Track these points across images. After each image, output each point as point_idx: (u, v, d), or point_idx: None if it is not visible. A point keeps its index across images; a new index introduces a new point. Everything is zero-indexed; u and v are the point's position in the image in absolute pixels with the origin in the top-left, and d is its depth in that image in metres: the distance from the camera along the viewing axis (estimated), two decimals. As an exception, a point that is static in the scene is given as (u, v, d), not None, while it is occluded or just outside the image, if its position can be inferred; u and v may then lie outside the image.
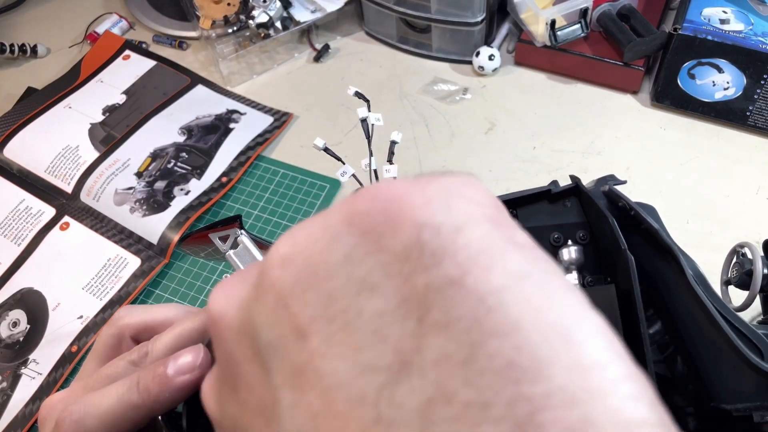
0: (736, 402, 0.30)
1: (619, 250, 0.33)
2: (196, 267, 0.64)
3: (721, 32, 0.66)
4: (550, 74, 0.78)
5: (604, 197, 0.38)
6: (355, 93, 0.39)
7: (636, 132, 0.71)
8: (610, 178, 0.41)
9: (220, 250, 0.34)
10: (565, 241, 0.38)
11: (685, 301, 0.33)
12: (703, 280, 0.34)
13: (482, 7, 0.75)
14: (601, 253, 0.38)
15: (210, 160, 0.72)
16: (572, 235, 0.39)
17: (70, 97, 0.79)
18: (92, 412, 0.24)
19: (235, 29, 0.80)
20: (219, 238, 0.35)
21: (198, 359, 0.24)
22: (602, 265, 0.38)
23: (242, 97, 0.79)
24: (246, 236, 0.34)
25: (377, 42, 0.85)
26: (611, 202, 0.38)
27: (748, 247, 0.47)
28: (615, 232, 0.34)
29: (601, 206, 0.36)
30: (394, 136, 0.38)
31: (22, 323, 0.61)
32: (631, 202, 0.36)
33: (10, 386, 0.57)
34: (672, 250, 0.33)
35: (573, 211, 0.39)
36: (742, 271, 0.46)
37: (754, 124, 0.69)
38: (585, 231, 0.39)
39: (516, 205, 0.39)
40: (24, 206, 0.69)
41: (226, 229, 0.35)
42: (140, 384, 0.24)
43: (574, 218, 0.39)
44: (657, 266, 0.35)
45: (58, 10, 0.95)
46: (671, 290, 0.34)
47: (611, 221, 0.34)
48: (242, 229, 0.35)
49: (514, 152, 0.71)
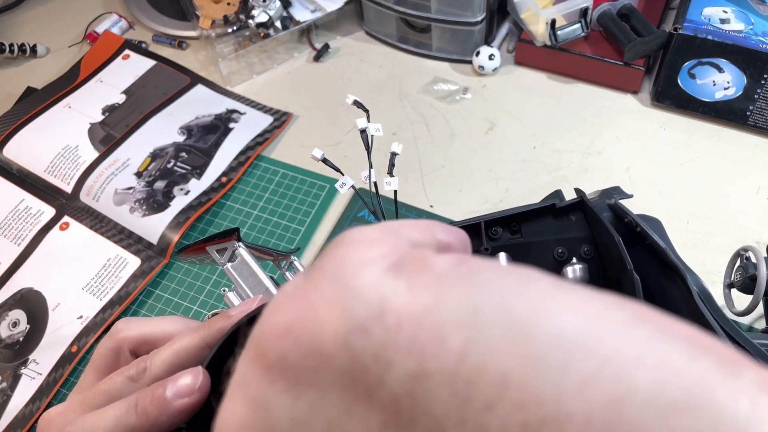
0: None
1: (624, 270, 0.33)
2: (195, 267, 0.64)
3: (721, 32, 0.66)
4: (550, 74, 0.78)
5: (609, 210, 0.38)
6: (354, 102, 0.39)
7: (636, 132, 0.71)
8: (615, 190, 0.40)
9: (218, 263, 0.34)
10: (569, 256, 0.37)
11: (689, 319, 0.33)
12: (708, 296, 0.34)
13: (482, 6, 0.75)
14: (606, 267, 0.38)
15: (210, 159, 0.72)
16: (576, 249, 0.38)
17: (70, 97, 0.79)
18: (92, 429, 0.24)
19: (235, 29, 0.80)
20: (216, 251, 0.34)
21: (198, 382, 0.24)
22: (606, 278, 0.37)
23: (242, 96, 0.79)
24: (244, 249, 0.34)
25: (377, 42, 0.85)
26: (616, 216, 0.37)
27: (752, 251, 0.46)
28: (621, 251, 0.33)
29: (607, 223, 0.35)
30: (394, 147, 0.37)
31: (22, 323, 0.61)
32: (637, 218, 0.36)
33: (10, 386, 0.57)
34: (679, 269, 0.33)
35: (577, 225, 0.38)
36: (745, 276, 0.46)
37: (754, 123, 0.69)
38: (589, 246, 0.38)
39: (520, 220, 0.39)
40: (24, 206, 0.69)
41: (224, 242, 0.34)
42: (138, 406, 0.24)
43: (579, 233, 0.38)
44: (662, 282, 0.34)
45: (57, 9, 0.95)
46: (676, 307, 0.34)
47: (617, 240, 0.34)
48: (240, 242, 0.34)
49: (514, 152, 0.71)
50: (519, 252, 0.38)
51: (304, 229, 0.66)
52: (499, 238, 0.38)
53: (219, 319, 0.28)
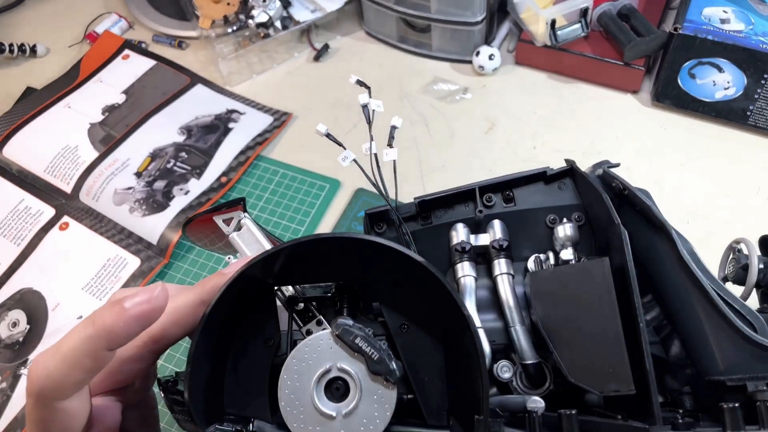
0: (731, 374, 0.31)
1: (612, 225, 0.34)
2: (195, 267, 0.64)
3: (721, 32, 0.66)
4: (550, 74, 0.78)
5: (599, 181, 0.39)
6: (357, 81, 0.40)
7: (636, 132, 0.71)
8: (604, 162, 0.41)
9: (224, 232, 0.35)
10: (561, 222, 0.39)
11: (679, 277, 0.34)
12: (696, 258, 0.34)
13: (482, 6, 0.75)
14: (596, 234, 0.38)
15: (209, 159, 0.72)
16: (568, 216, 0.40)
17: (70, 97, 0.79)
18: (55, 354, 0.25)
19: (235, 29, 0.80)
20: (223, 221, 0.35)
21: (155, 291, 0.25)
22: (596, 246, 0.38)
23: (242, 96, 0.79)
24: (249, 219, 0.35)
25: (377, 42, 0.85)
26: (606, 185, 0.38)
27: (743, 242, 0.47)
28: (608, 208, 0.34)
29: (594, 183, 0.37)
30: (394, 121, 0.39)
31: (22, 323, 0.61)
32: (625, 181, 0.37)
33: (10, 386, 0.57)
34: (664, 226, 0.34)
35: (568, 192, 0.40)
36: (738, 267, 0.46)
37: (754, 123, 0.69)
38: (580, 212, 0.39)
39: (512, 186, 0.40)
40: (23, 206, 0.69)
41: (230, 211, 0.35)
42: (95, 317, 0.25)
43: (569, 200, 0.40)
44: (650, 245, 0.35)
45: (57, 9, 0.95)
46: (665, 267, 0.35)
47: (605, 197, 0.35)
48: (245, 212, 0.35)
49: (514, 152, 0.70)
50: (513, 219, 0.40)
51: (304, 228, 0.66)
52: (494, 205, 0.40)
53: (213, 277, 0.29)
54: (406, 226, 0.39)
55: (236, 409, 0.30)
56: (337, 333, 0.28)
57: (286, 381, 0.28)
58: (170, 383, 0.30)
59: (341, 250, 0.29)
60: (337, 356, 0.28)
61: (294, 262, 0.29)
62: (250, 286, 0.29)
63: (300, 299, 0.32)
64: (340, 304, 0.32)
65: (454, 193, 0.40)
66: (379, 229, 0.40)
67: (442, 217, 0.40)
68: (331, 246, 0.29)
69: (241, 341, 0.31)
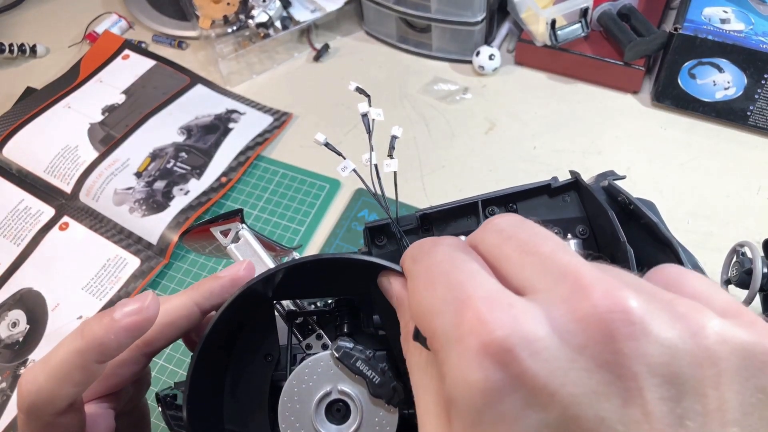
0: None
1: (618, 243, 0.33)
2: (195, 267, 0.64)
3: (721, 32, 0.66)
4: (551, 74, 0.78)
5: (604, 192, 0.39)
6: (356, 88, 0.40)
7: (636, 132, 0.71)
8: (609, 173, 0.41)
9: (222, 244, 0.34)
10: (565, 235, 0.38)
11: None
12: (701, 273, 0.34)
13: (482, 6, 0.75)
14: (600, 248, 0.38)
15: (209, 159, 0.72)
16: (572, 229, 0.39)
17: (70, 97, 0.79)
18: (44, 368, 0.24)
19: (235, 29, 0.80)
20: (220, 232, 0.35)
21: (146, 301, 0.25)
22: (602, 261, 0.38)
23: (242, 96, 0.79)
24: (247, 230, 0.34)
25: (377, 42, 0.85)
26: (611, 197, 0.38)
27: (748, 246, 0.47)
28: (614, 224, 0.34)
29: (600, 199, 0.36)
30: (394, 130, 0.38)
31: (22, 323, 0.61)
32: (631, 196, 0.36)
33: (10, 386, 0.57)
34: (671, 243, 0.34)
35: (572, 205, 0.39)
36: (741, 270, 0.46)
37: (754, 123, 0.69)
38: (584, 226, 0.39)
39: (516, 200, 0.40)
40: (23, 206, 0.69)
41: (228, 223, 0.35)
42: (84, 329, 0.24)
43: (574, 213, 0.39)
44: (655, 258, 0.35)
45: (57, 9, 0.95)
46: None
47: (610, 214, 0.35)
48: (243, 223, 0.35)
49: (514, 152, 0.70)
50: None
51: (303, 229, 0.66)
52: None
53: (207, 280, 0.29)
54: (407, 240, 0.38)
55: (236, 426, 0.29)
56: (338, 356, 0.28)
57: (286, 403, 0.28)
58: (168, 398, 0.30)
59: (342, 268, 0.29)
60: (337, 378, 0.28)
61: (293, 278, 0.29)
62: (248, 302, 0.29)
63: (299, 313, 0.32)
64: (340, 319, 0.32)
65: (457, 206, 0.39)
66: (380, 242, 0.39)
67: (444, 231, 0.40)
68: (332, 265, 0.28)
69: (240, 357, 0.30)
